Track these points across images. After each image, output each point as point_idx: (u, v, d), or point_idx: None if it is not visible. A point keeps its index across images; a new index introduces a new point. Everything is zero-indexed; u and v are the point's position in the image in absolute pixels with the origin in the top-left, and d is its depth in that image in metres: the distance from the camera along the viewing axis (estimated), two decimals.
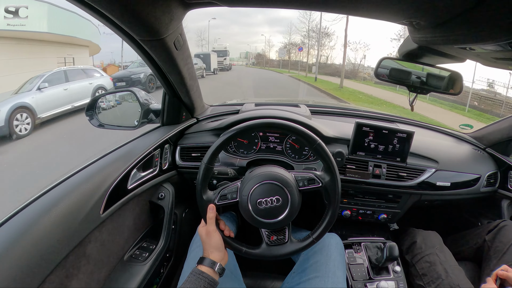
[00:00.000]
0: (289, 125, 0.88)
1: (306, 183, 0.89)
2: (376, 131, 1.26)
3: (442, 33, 0.71)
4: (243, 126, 0.89)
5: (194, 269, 0.79)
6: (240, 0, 0.75)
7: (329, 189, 0.90)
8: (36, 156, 4.82)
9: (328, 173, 0.90)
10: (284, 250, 0.90)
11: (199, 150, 1.34)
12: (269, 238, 0.91)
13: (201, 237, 0.87)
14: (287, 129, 0.89)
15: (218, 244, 0.85)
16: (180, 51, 0.99)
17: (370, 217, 1.39)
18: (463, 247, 1.36)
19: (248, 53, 58.34)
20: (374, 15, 0.76)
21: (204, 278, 0.77)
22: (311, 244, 0.91)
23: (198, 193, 0.88)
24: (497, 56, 0.76)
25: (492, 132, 1.56)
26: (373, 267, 1.24)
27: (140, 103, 1.30)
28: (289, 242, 0.91)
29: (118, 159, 1.07)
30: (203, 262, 0.81)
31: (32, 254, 0.70)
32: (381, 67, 1.11)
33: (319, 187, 0.90)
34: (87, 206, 0.87)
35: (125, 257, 1.11)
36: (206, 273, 0.78)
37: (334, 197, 0.90)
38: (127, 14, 0.71)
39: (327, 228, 0.91)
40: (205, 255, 0.83)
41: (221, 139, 0.88)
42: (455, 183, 1.35)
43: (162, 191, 1.27)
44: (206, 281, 0.76)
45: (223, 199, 0.90)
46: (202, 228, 0.88)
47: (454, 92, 1.10)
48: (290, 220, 0.88)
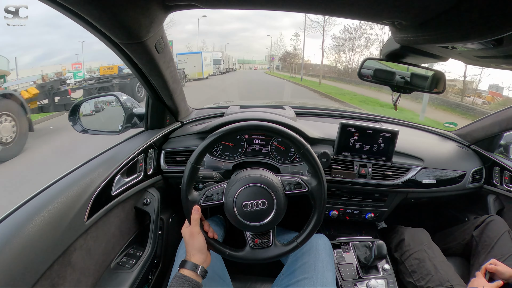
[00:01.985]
0: (279, 128, 0.88)
1: (293, 187, 0.89)
2: (361, 131, 1.27)
3: (424, 33, 0.71)
4: (233, 127, 0.89)
5: (177, 274, 0.79)
6: (220, 2, 0.74)
7: (315, 194, 0.89)
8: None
9: (315, 178, 0.90)
10: (267, 254, 0.90)
11: (183, 154, 1.32)
12: (253, 241, 0.90)
13: (184, 238, 0.86)
14: (277, 132, 0.88)
15: (201, 246, 0.85)
16: (161, 54, 0.97)
17: (357, 217, 1.40)
18: (451, 243, 1.38)
19: (273, 55, 57.74)
20: (355, 16, 0.76)
21: (187, 281, 0.76)
22: (295, 249, 0.91)
23: (183, 193, 0.87)
24: (479, 54, 0.77)
25: (476, 129, 1.59)
26: (362, 266, 1.25)
27: (124, 107, 1.28)
28: (273, 246, 0.91)
29: (101, 165, 1.05)
30: (185, 266, 0.80)
31: (16, 264, 0.68)
32: (364, 68, 1.12)
33: (305, 192, 0.90)
34: (71, 213, 0.85)
35: (112, 265, 1.09)
36: (189, 277, 0.77)
37: (319, 203, 0.90)
38: (106, 17, 0.70)
39: (311, 233, 0.91)
40: (187, 258, 0.83)
41: (210, 138, 0.88)
42: (440, 180, 1.37)
43: (147, 196, 1.25)
44: (190, 285, 0.76)
45: (208, 200, 0.89)
46: (186, 229, 0.87)
47: (438, 90, 1.11)
48: (275, 224, 0.88)
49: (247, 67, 62.34)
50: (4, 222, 0.74)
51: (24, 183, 3.47)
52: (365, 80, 1.13)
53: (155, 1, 0.70)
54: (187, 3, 0.73)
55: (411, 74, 1.11)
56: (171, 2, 0.73)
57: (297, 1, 0.70)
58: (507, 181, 1.45)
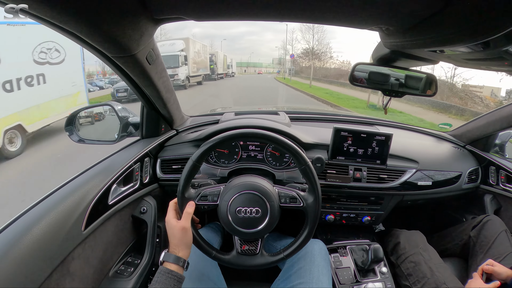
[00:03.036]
0: (284, 141, 0.89)
1: (288, 201, 0.91)
2: (355, 135, 1.28)
3: (411, 37, 0.72)
4: (240, 132, 0.90)
5: (162, 268, 0.77)
6: (207, 15, 0.76)
7: (309, 210, 0.90)
8: None
9: (311, 195, 0.91)
10: (252, 262, 0.91)
11: (179, 162, 1.33)
12: (241, 246, 0.92)
13: (173, 230, 0.83)
14: (281, 145, 0.89)
15: (189, 242, 0.84)
16: (153, 65, 0.99)
17: (354, 220, 1.40)
18: (449, 244, 1.38)
19: (281, 59, 55.21)
20: (343, 23, 0.77)
21: (173, 276, 0.76)
22: (280, 261, 0.92)
23: (179, 189, 0.87)
24: (468, 57, 0.78)
25: (471, 130, 1.59)
26: (360, 269, 1.25)
27: (119, 116, 1.29)
28: (259, 255, 0.92)
29: (98, 174, 1.06)
30: (170, 260, 0.79)
31: (15, 274, 0.69)
32: (357, 71, 1.13)
33: (300, 207, 0.91)
34: (68, 223, 0.86)
35: (110, 273, 1.10)
36: (174, 271, 0.77)
37: (312, 220, 0.91)
38: (96, 33, 0.71)
39: (299, 247, 0.92)
40: (172, 251, 0.81)
41: (216, 140, 0.88)
42: (436, 181, 1.37)
43: (144, 205, 1.26)
44: (175, 279, 0.76)
45: (203, 199, 0.90)
46: (176, 222, 0.84)
47: (431, 93, 1.12)
48: (265, 233, 0.89)
49: (252, 70, 58.84)
50: (2, 233, 0.75)
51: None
52: (356, 85, 1.14)
53: (144, 16, 0.72)
54: (175, 16, 0.75)
55: (405, 76, 1.12)
56: (159, 16, 0.74)
57: (283, 11, 0.71)
58: (503, 180, 1.45)
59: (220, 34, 72.49)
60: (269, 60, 58.32)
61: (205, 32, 55.94)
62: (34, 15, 0.60)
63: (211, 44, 37.20)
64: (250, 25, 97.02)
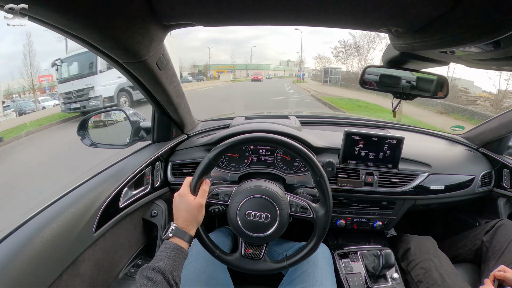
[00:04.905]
0: (301, 150, 0.89)
1: (299, 210, 0.90)
2: (366, 139, 1.27)
3: (421, 39, 0.72)
4: (261, 136, 0.90)
5: (172, 244, 0.74)
6: (216, 21, 0.76)
7: (319, 223, 0.90)
8: None
9: (322, 207, 0.90)
10: (254, 266, 0.91)
11: (190, 166, 1.34)
12: (245, 249, 0.92)
13: (188, 206, 0.80)
14: (298, 153, 0.89)
15: (201, 220, 0.83)
16: (163, 70, 1.00)
17: (365, 225, 1.38)
18: (461, 249, 1.35)
19: (289, 61, 53.51)
20: (351, 25, 0.77)
21: (182, 253, 0.74)
22: (282, 269, 0.92)
23: (192, 184, 0.85)
24: (479, 58, 0.77)
25: (483, 132, 1.56)
26: (371, 275, 1.23)
27: (130, 121, 1.31)
28: (262, 260, 0.92)
29: (109, 178, 1.08)
30: (183, 237, 0.76)
31: (26, 274, 0.71)
32: (367, 74, 1.12)
33: (310, 218, 0.90)
34: (79, 225, 0.88)
35: (120, 275, 1.12)
36: (183, 248, 0.75)
37: (321, 232, 0.90)
38: (107, 40, 0.73)
39: (303, 258, 0.92)
40: (182, 227, 0.77)
41: (235, 140, 0.88)
42: (449, 185, 1.35)
43: (154, 208, 1.27)
44: (183, 256, 0.75)
45: (214, 198, 0.90)
46: (194, 197, 0.82)
47: (443, 94, 1.11)
48: (272, 239, 0.89)
49: (245, 74, 50.11)
50: (15, 233, 0.78)
51: None
52: (367, 88, 1.13)
53: (153, 22, 0.73)
54: (184, 22, 0.76)
55: (417, 78, 1.11)
56: (168, 22, 0.75)
57: (292, 15, 0.72)
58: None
59: (226, 38, 72.66)
60: (276, 62, 56.69)
61: (210, 36, 56.12)
62: (49, 23, 0.62)
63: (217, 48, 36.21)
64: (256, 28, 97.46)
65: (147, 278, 0.65)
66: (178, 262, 0.72)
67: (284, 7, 0.67)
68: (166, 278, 0.67)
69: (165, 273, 0.67)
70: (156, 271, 0.66)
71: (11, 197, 3.99)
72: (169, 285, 0.67)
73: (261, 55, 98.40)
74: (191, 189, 0.84)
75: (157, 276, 0.66)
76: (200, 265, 0.99)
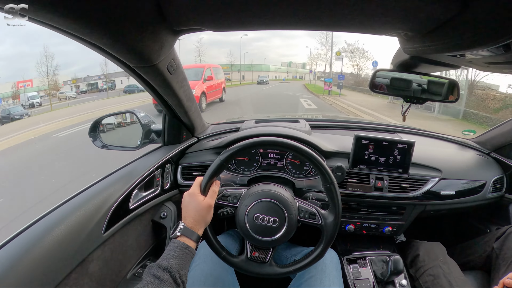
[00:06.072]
0: (313, 156, 0.88)
1: (307, 216, 0.90)
2: (376, 143, 1.26)
3: (431, 42, 0.72)
4: (270, 140, 0.90)
5: (180, 243, 0.74)
6: (226, 25, 0.77)
7: (327, 230, 0.89)
8: None
9: (331, 214, 0.90)
10: (260, 270, 0.91)
11: (200, 169, 1.35)
12: (251, 252, 0.92)
13: (198, 206, 0.81)
14: (309, 158, 0.88)
15: (209, 221, 0.84)
16: (174, 75, 1.02)
17: (374, 231, 1.37)
18: (472, 256, 1.33)
19: (291, 63, 52.03)
20: (361, 29, 0.78)
21: (189, 252, 0.74)
22: (287, 274, 0.92)
23: (203, 184, 0.85)
24: (489, 61, 0.77)
25: (495, 136, 1.53)
26: (379, 281, 1.21)
27: (141, 123, 1.33)
28: (268, 264, 0.92)
29: (120, 179, 1.09)
30: (191, 236, 0.77)
31: (35, 272, 0.72)
32: (377, 77, 1.12)
33: (318, 225, 0.90)
34: (89, 225, 0.90)
35: (128, 276, 1.13)
36: (191, 247, 0.75)
37: (328, 239, 0.90)
38: (118, 44, 0.74)
39: (309, 264, 0.91)
40: (191, 226, 0.78)
41: (244, 144, 0.89)
42: (460, 191, 1.33)
43: (164, 210, 1.29)
44: (191, 255, 0.75)
45: (224, 199, 0.91)
46: (203, 198, 0.83)
47: (453, 98, 1.10)
48: (279, 243, 0.89)
49: (256, 75, 42.77)
50: (25, 232, 0.79)
51: None
52: (377, 92, 1.13)
53: (164, 27, 0.74)
54: (194, 27, 0.77)
55: (428, 81, 1.10)
56: (178, 27, 0.76)
57: (302, 20, 0.72)
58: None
59: (227, 40, 72.29)
60: (277, 64, 55.34)
61: (211, 39, 55.69)
62: (62, 29, 0.63)
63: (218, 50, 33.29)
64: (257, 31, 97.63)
65: (154, 276, 0.66)
66: (185, 261, 0.73)
67: (294, 12, 0.67)
68: (173, 277, 0.67)
69: (172, 272, 0.68)
70: (163, 270, 0.67)
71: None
72: (176, 283, 0.67)
73: (262, 57, 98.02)
74: (201, 189, 0.85)
75: (164, 275, 0.66)
76: (207, 267, 1.00)
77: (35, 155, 7.09)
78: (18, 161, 6.81)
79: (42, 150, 7.57)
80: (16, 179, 5.17)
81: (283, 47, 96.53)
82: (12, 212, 3.46)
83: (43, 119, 12.29)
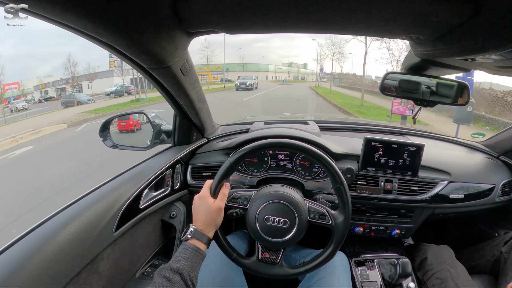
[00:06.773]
0: (322, 156, 0.89)
1: (317, 217, 0.91)
2: (386, 145, 1.26)
3: (442, 46, 0.72)
4: (280, 142, 0.91)
5: (191, 245, 0.75)
6: (240, 28, 0.78)
7: (337, 230, 0.90)
8: None
9: (341, 214, 0.90)
10: (271, 271, 0.92)
11: (209, 170, 1.36)
12: (262, 254, 0.92)
13: (208, 208, 0.82)
14: (318, 159, 0.89)
15: (219, 223, 0.84)
16: (187, 76, 1.03)
17: (383, 233, 1.37)
18: (479, 260, 1.32)
19: (292, 63, 51.33)
20: (374, 33, 0.78)
21: (200, 255, 0.76)
22: (299, 274, 0.92)
23: (213, 187, 0.86)
24: (500, 65, 0.77)
25: (504, 139, 1.52)
26: (387, 284, 1.22)
27: (152, 124, 1.34)
28: (279, 265, 0.92)
29: (131, 179, 1.10)
30: (201, 239, 0.78)
31: (46, 270, 0.73)
32: (387, 79, 1.12)
33: (328, 225, 0.90)
34: (100, 224, 0.91)
35: (137, 275, 1.14)
36: (201, 250, 0.76)
37: (339, 239, 0.90)
38: (134, 46, 0.75)
39: (320, 265, 0.92)
40: (201, 229, 0.79)
41: (254, 145, 0.89)
42: (469, 194, 1.32)
43: (174, 210, 1.30)
44: (201, 258, 0.76)
45: (234, 201, 0.92)
46: (214, 200, 0.83)
47: (463, 101, 1.09)
48: (289, 244, 0.89)
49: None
50: (37, 230, 0.80)
51: None
52: (387, 94, 1.13)
53: (178, 29, 0.75)
54: (209, 30, 0.78)
55: (437, 83, 1.10)
56: (193, 29, 0.77)
57: (316, 23, 0.72)
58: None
59: (228, 41, 72.15)
60: (278, 64, 54.50)
61: (211, 40, 55.09)
62: (79, 30, 0.64)
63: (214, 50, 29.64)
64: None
65: (165, 278, 0.66)
66: (196, 264, 0.74)
67: (308, 16, 0.68)
68: (184, 279, 0.68)
69: (183, 274, 0.68)
70: (174, 272, 0.68)
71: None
72: (186, 285, 0.68)
73: (262, 57, 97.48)
74: (211, 192, 0.86)
75: (175, 277, 0.67)
76: (216, 267, 1.01)
77: None
78: None
79: None
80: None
81: (283, 48, 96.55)
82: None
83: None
